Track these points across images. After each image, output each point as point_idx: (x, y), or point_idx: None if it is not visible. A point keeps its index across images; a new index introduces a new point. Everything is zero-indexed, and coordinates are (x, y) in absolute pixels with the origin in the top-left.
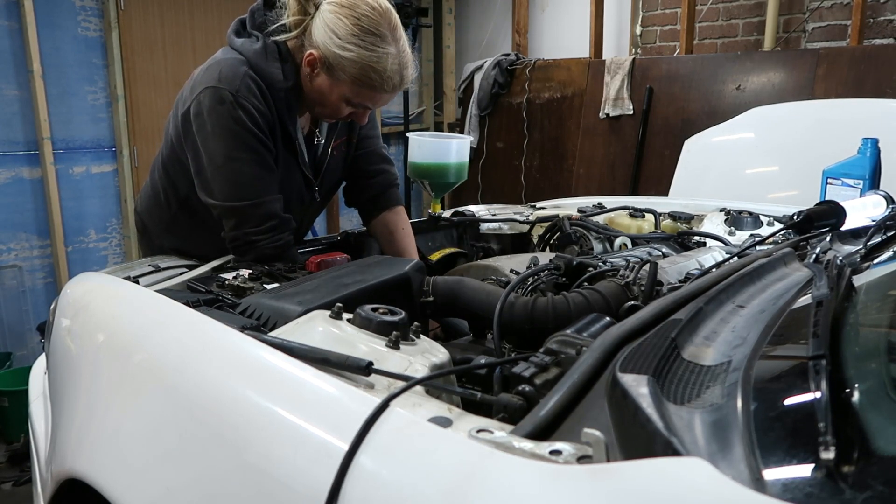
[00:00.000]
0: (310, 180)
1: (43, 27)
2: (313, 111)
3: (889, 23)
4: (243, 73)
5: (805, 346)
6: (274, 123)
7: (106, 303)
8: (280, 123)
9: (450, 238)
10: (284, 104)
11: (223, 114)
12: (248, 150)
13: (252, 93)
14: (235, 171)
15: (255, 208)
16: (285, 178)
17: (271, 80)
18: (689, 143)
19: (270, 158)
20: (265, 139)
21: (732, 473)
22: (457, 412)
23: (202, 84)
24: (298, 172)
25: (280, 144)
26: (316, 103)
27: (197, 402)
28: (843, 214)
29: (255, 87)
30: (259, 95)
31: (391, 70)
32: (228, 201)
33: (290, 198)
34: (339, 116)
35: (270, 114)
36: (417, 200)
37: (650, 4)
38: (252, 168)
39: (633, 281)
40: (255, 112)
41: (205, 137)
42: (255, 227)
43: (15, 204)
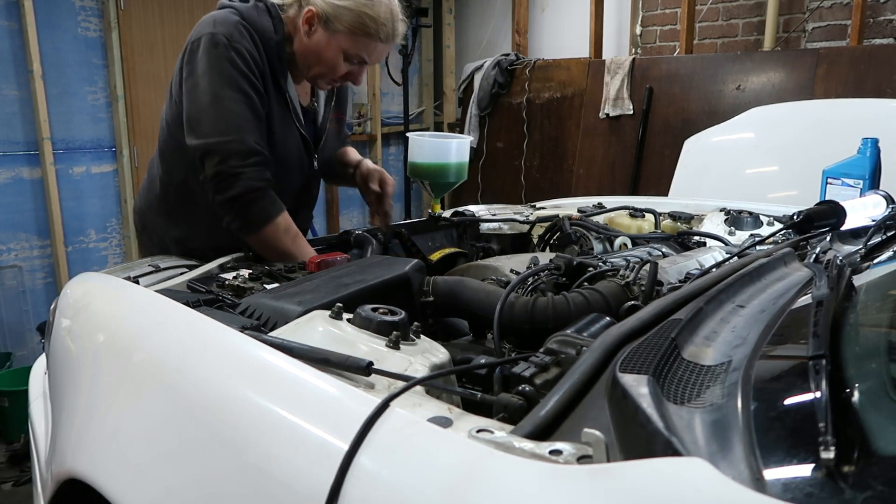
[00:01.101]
0: (308, 143)
1: (43, 27)
2: (311, 75)
3: (889, 23)
4: (236, 21)
5: (805, 346)
6: (265, 72)
7: (106, 303)
8: (271, 74)
9: (450, 238)
10: (276, 54)
11: (216, 55)
12: (238, 90)
13: (245, 38)
14: (224, 109)
15: (239, 144)
16: (283, 134)
17: (262, 31)
18: (689, 143)
19: (259, 104)
20: (255, 82)
21: (732, 473)
22: (457, 412)
23: (197, 32)
24: (295, 130)
25: (273, 96)
26: (313, 63)
27: (197, 402)
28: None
29: (248, 35)
30: (251, 41)
31: (384, 17)
32: (214, 136)
33: (290, 159)
34: (337, 75)
35: (262, 61)
36: (417, 200)
37: (650, 4)
38: (239, 107)
39: (633, 281)
40: (248, 55)
41: (198, 77)
42: (240, 161)
43: (15, 204)
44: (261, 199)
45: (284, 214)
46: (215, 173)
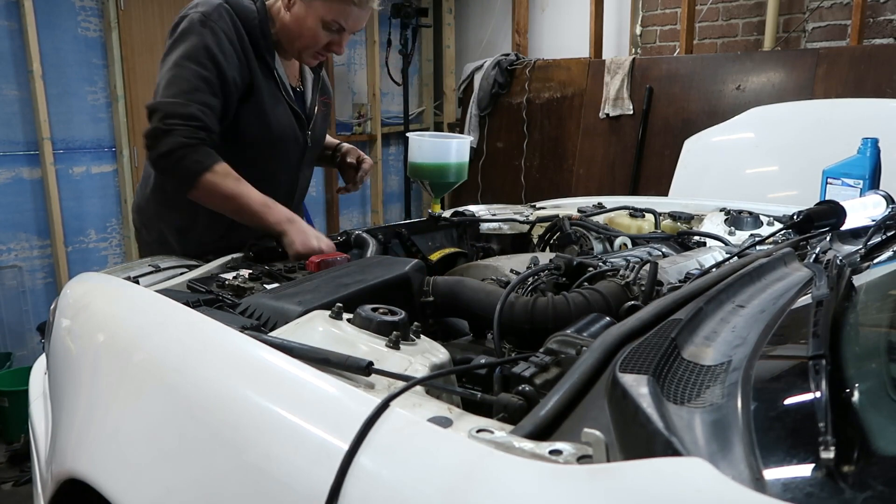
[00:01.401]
0: (300, 118)
1: (43, 27)
2: (296, 49)
3: (889, 23)
4: (218, 3)
5: (805, 346)
6: (247, 49)
7: (106, 303)
8: (256, 52)
9: (450, 238)
10: (259, 33)
11: (190, 31)
12: (199, 63)
13: (223, 19)
14: (179, 76)
15: (183, 107)
16: (274, 107)
17: (245, 12)
18: (689, 143)
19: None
20: (222, 63)
21: (732, 473)
22: (457, 412)
23: (182, 13)
24: (286, 105)
25: (259, 73)
26: (296, 37)
27: (197, 402)
28: (843, 214)
29: (228, 16)
30: (230, 23)
31: None
32: (163, 97)
33: (284, 131)
34: (320, 45)
35: (240, 42)
36: (417, 200)
37: (650, 4)
38: (195, 77)
39: (633, 281)
40: (223, 35)
41: (170, 52)
42: (178, 121)
43: (15, 204)
44: (193, 153)
45: (222, 164)
46: (152, 128)
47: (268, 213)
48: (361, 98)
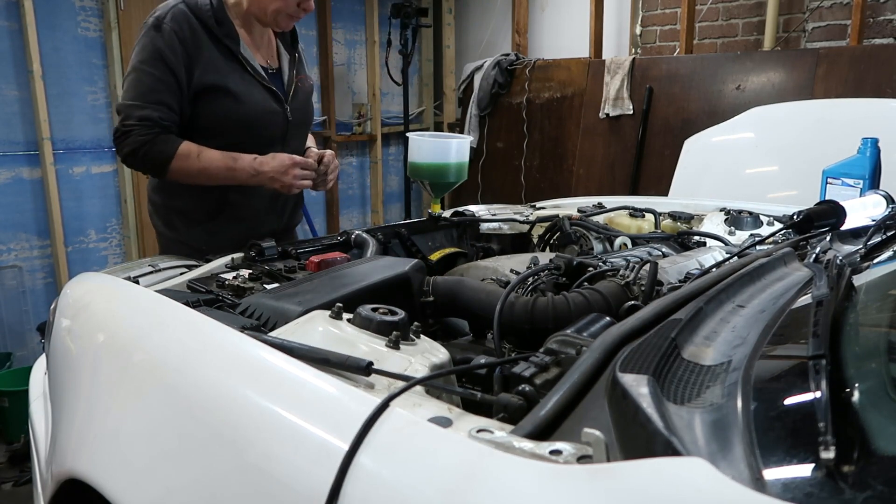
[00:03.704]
0: (276, 95)
1: (43, 27)
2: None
3: (889, 22)
4: (172, 5)
5: (805, 346)
6: (203, 44)
7: (106, 303)
8: (215, 41)
9: (450, 238)
10: (214, 22)
11: (145, 36)
12: (152, 65)
13: (175, 20)
14: (136, 79)
15: (138, 109)
16: (244, 90)
17: (198, 9)
18: (689, 143)
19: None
20: (172, 62)
21: (732, 473)
22: (457, 412)
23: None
24: (258, 85)
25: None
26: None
27: (197, 402)
28: (843, 214)
29: (182, 16)
30: (183, 22)
31: None
32: (124, 100)
33: (258, 108)
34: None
35: (195, 38)
36: (417, 200)
37: (650, 4)
38: (149, 79)
39: (633, 281)
40: (174, 35)
41: (133, 54)
42: (134, 122)
43: (15, 204)
44: (153, 146)
45: (183, 144)
46: (116, 128)
47: (236, 175)
48: (361, 98)
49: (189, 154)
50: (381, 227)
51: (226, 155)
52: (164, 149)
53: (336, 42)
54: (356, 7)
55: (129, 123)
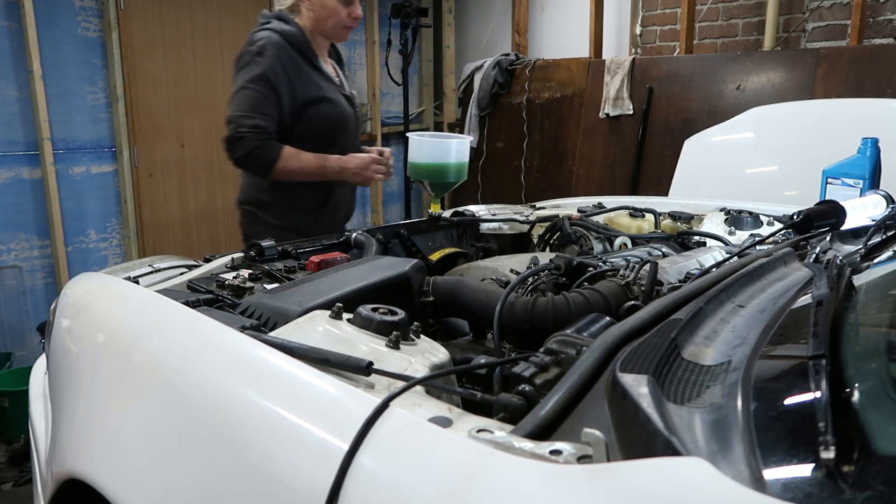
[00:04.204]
0: (350, 99)
1: (43, 27)
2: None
3: (889, 22)
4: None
5: (805, 346)
6: (297, 63)
7: (106, 303)
8: (307, 61)
9: (450, 238)
10: (305, 46)
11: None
12: (258, 84)
13: (274, 47)
14: (245, 95)
15: (248, 119)
16: (333, 96)
17: (290, 35)
18: (689, 143)
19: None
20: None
21: (732, 473)
22: (457, 412)
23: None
24: (338, 92)
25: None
26: (324, 20)
27: (197, 402)
28: (843, 214)
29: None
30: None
31: None
32: (235, 112)
33: (345, 110)
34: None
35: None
36: (417, 200)
37: (650, 4)
38: (256, 95)
39: (633, 281)
40: (276, 60)
41: (237, 75)
42: (245, 130)
43: (15, 204)
44: (260, 150)
45: (284, 148)
46: (228, 135)
47: (325, 172)
48: (361, 98)
49: (290, 156)
50: (381, 227)
51: (317, 156)
52: (271, 152)
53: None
54: None
55: (242, 131)
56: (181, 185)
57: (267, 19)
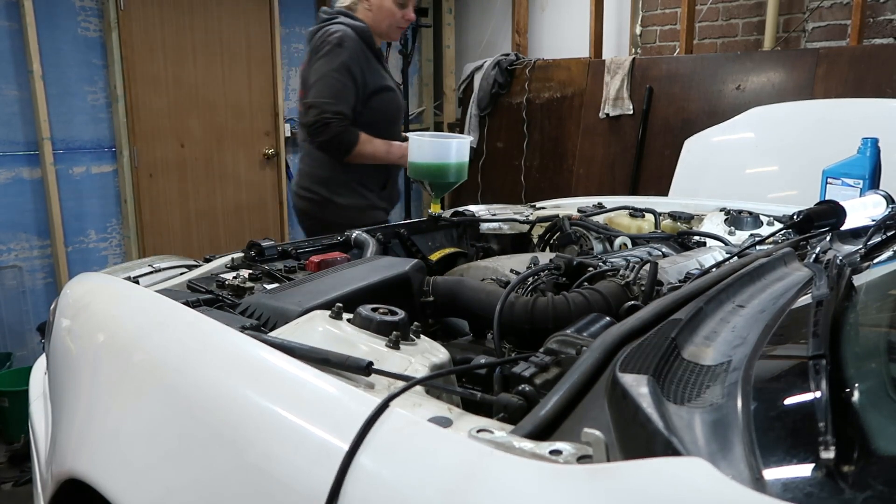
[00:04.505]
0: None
1: (43, 27)
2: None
3: (889, 22)
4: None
5: (805, 346)
6: (368, 55)
7: (106, 303)
8: (375, 55)
9: (450, 238)
10: (371, 41)
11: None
12: (339, 72)
13: (352, 39)
14: (327, 83)
15: (331, 105)
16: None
17: (361, 30)
18: (689, 143)
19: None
20: (354, 69)
21: (732, 473)
22: (457, 412)
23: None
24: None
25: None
26: (381, 21)
27: (197, 402)
28: (843, 214)
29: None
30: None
31: None
32: (319, 98)
33: (401, 102)
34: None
35: (364, 53)
36: (417, 200)
37: (650, 4)
38: (338, 84)
39: (633, 281)
40: (353, 52)
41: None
42: (329, 116)
43: (15, 204)
44: (342, 135)
45: (361, 135)
46: (314, 121)
47: (389, 158)
48: None
49: (364, 141)
50: (381, 227)
51: (384, 142)
52: (352, 137)
53: None
54: None
55: (327, 116)
56: (181, 185)
57: (332, 15)
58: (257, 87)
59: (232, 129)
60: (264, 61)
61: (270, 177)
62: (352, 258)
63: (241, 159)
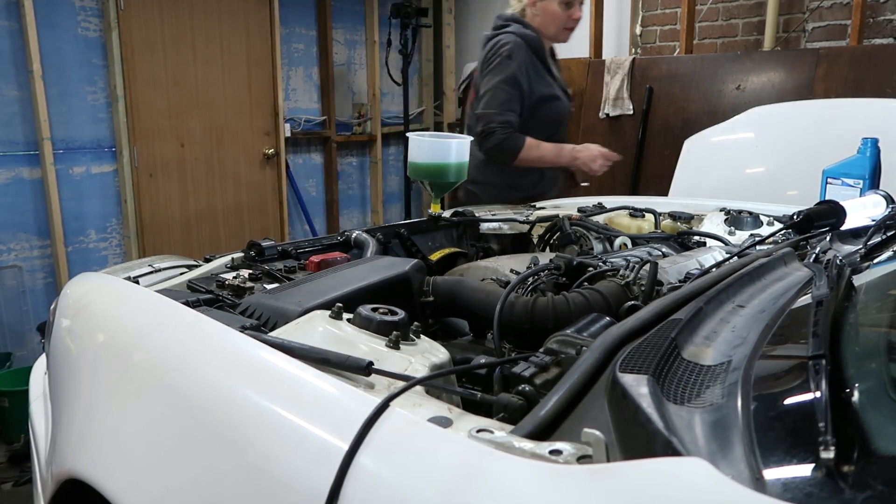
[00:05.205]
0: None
1: (43, 27)
2: (552, 34)
3: (889, 22)
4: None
5: (805, 346)
6: (536, 64)
7: (106, 303)
8: (542, 62)
9: (450, 238)
10: (541, 48)
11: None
12: (507, 84)
13: (521, 50)
14: (495, 95)
15: (498, 115)
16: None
17: (530, 39)
18: (689, 143)
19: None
20: (521, 80)
21: (732, 473)
22: (457, 412)
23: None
24: (562, 91)
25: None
26: (549, 23)
27: (197, 402)
28: (843, 214)
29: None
30: (525, 52)
31: None
32: (487, 109)
33: (566, 107)
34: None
35: (532, 62)
36: (417, 200)
37: (650, 4)
38: (505, 95)
39: (633, 281)
40: (522, 63)
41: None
42: (495, 125)
43: (15, 204)
44: (507, 141)
45: (528, 140)
46: (481, 131)
47: (559, 161)
48: (361, 98)
49: (531, 146)
50: (381, 227)
51: (554, 145)
52: (516, 143)
53: (336, 42)
54: (356, 7)
55: (492, 126)
56: (181, 185)
57: (505, 22)
58: (257, 87)
59: (232, 129)
60: (264, 61)
61: (270, 177)
62: (352, 258)
63: (241, 159)
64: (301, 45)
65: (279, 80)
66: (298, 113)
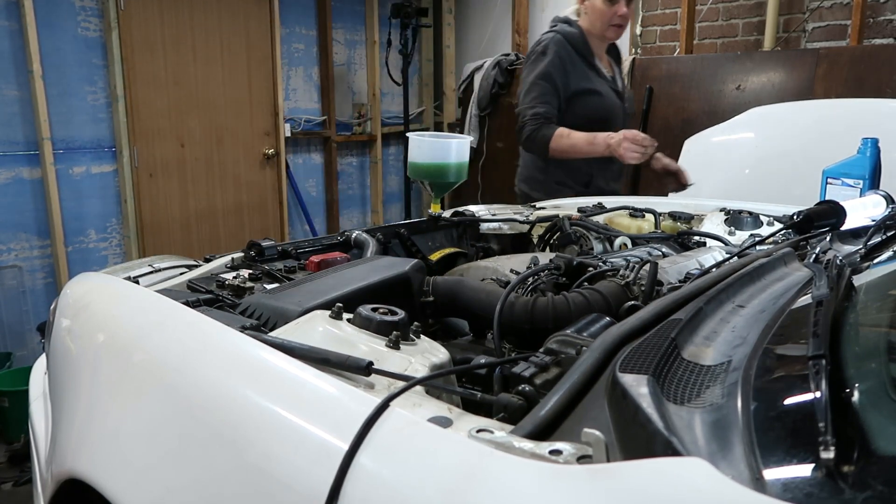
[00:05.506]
0: (618, 93)
1: (43, 27)
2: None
3: (889, 23)
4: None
5: (805, 346)
6: (575, 61)
7: (106, 303)
8: (585, 60)
9: (450, 238)
10: (584, 47)
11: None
12: (541, 78)
13: (556, 45)
14: (529, 90)
15: (531, 108)
16: (604, 91)
17: (571, 36)
18: (689, 143)
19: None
20: (554, 74)
21: (732, 473)
22: (457, 412)
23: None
24: (610, 89)
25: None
26: (596, 22)
27: (197, 402)
28: (843, 214)
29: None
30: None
31: None
32: (522, 104)
33: (611, 104)
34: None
35: (571, 58)
36: (417, 200)
37: (650, 4)
38: (539, 89)
39: (633, 281)
40: (556, 57)
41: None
42: (527, 118)
43: (15, 204)
44: (537, 132)
45: (558, 130)
46: (517, 125)
47: (594, 148)
48: (361, 98)
49: (562, 135)
50: (381, 227)
51: (587, 134)
52: (546, 133)
53: (336, 42)
54: (356, 7)
55: (524, 119)
56: (181, 185)
57: (555, 22)
58: (257, 87)
59: (232, 129)
60: (264, 61)
61: (270, 177)
62: (352, 258)
63: (241, 159)
64: (301, 45)
65: (279, 80)
66: (298, 113)
